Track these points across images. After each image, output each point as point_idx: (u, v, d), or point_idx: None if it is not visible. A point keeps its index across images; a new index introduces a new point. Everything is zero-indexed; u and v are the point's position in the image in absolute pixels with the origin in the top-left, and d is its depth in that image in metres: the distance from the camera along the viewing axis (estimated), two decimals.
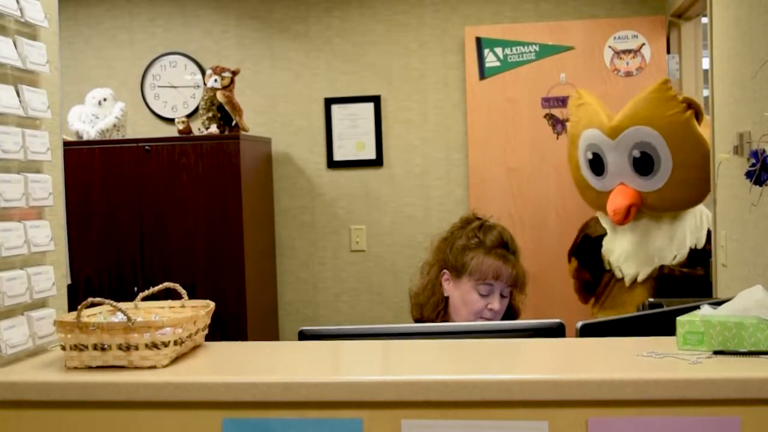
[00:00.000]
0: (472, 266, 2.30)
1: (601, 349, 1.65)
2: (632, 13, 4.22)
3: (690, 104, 3.37)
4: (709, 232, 3.50)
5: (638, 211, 3.57)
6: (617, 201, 3.52)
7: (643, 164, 3.46)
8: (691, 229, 3.55)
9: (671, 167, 3.41)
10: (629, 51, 4.14)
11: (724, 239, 2.96)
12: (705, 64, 3.72)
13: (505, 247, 2.34)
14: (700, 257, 3.49)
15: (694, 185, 3.45)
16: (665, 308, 2.15)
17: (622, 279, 3.65)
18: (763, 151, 2.16)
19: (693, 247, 3.52)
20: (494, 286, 2.30)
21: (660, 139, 3.38)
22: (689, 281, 3.48)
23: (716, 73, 3.06)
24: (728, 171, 2.86)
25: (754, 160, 2.17)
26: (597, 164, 3.65)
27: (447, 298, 2.37)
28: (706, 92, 3.56)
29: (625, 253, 3.64)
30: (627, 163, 3.50)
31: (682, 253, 3.51)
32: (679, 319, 1.54)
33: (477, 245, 2.33)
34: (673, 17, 4.07)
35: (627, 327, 1.87)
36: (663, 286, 3.52)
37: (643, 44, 4.12)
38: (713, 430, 1.35)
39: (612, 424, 1.37)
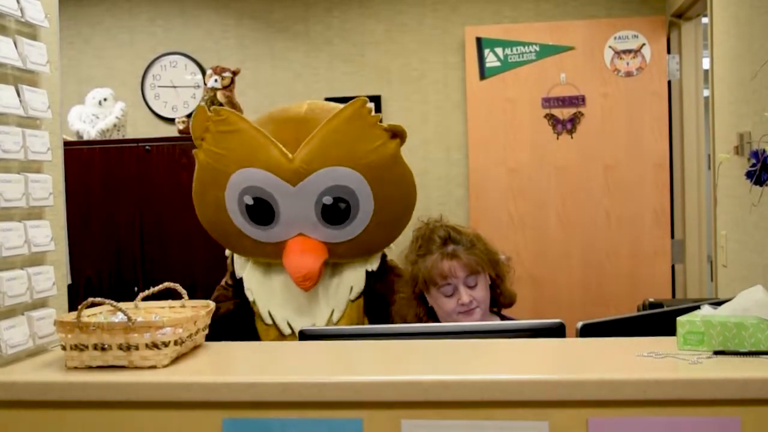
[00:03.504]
0: (424, 276, 2.33)
1: (601, 349, 1.65)
2: (632, 13, 4.22)
3: (394, 132, 2.63)
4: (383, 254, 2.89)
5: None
6: (306, 264, 2.63)
7: (336, 212, 2.65)
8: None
9: (372, 211, 2.67)
10: (629, 51, 4.13)
11: (724, 239, 2.96)
12: (705, 64, 3.71)
13: (447, 243, 2.34)
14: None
15: (394, 224, 2.79)
16: (665, 308, 2.16)
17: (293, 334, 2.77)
18: (763, 151, 2.16)
19: (370, 270, 2.81)
20: (453, 284, 2.30)
21: (360, 180, 2.60)
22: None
23: (716, 73, 3.06)
24: (728, 171, 2.86)
25: (754, 160, 2.17)
26: (262, 212, 2.67)
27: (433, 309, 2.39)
28: (706, 92, 3.55)
29: (295, 303, 2.78)
30: (312, 212, 2.64)
31: (359, 286, 2.79)
32: (680, 319, 1.54)
33: (423, 255, 2.36)
34: (674, 17, 4.07)
35: (627, 327, 1.87)
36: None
37: (644, 44, 4.12)
38: (713, 430, 1.35)
39: (612, 424, 1.37)
